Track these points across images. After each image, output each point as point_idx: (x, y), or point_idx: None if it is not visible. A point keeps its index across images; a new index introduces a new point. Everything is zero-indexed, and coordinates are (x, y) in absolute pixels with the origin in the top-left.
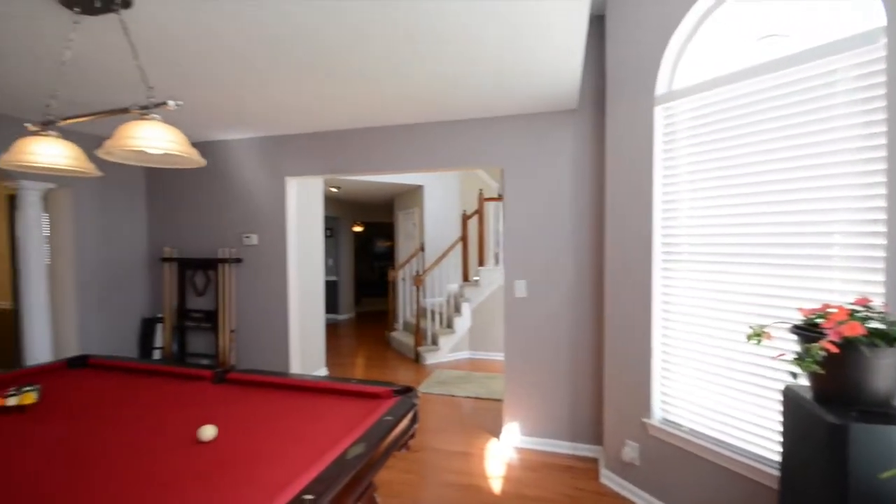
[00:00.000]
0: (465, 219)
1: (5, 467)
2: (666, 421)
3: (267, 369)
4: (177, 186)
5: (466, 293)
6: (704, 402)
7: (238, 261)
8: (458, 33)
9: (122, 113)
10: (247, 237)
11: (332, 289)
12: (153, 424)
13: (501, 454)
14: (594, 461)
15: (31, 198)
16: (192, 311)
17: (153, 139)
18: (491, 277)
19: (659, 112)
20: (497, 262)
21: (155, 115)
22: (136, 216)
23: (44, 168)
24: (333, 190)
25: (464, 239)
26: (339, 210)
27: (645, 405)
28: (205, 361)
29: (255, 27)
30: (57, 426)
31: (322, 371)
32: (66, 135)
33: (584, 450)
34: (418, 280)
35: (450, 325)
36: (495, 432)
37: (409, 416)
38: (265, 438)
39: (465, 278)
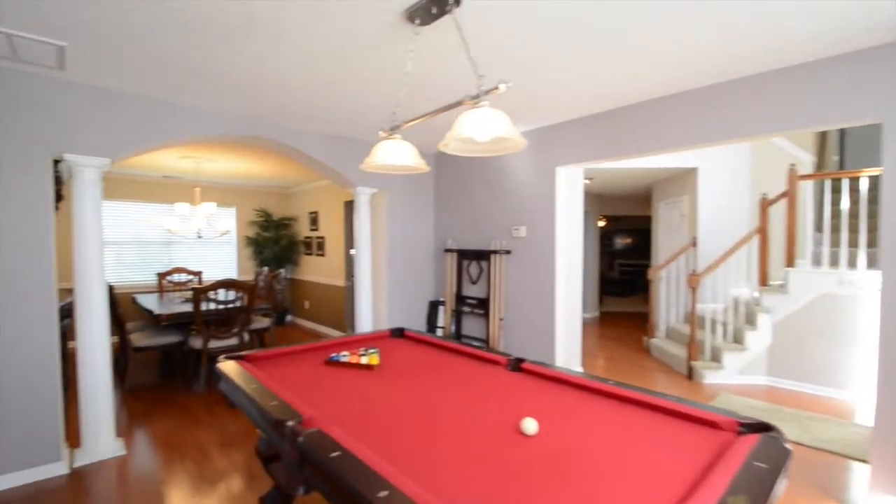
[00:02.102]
0: (765, 205)
1: (370, 409)
2: None
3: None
4: (457, 184)
5: (765, 301)
6: None
7: (507, 252)
8: None
9: (456, 106)
10: (516, 229)
11: None
12: (468, 400)
13: None
14: None
15: (363, 199)
16: (468, 298)
17: (481, 125)
18: (806, 282)
19: None
20: (818, 262)
21: (485, 102)
22: (426, 212)
23: (393, 167)
24: (586, 182)
25: (762, 231)
26: (586, 204)
27: None
28: (476, 344)
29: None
30: (396, 383)
31: (578, 369)
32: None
33: None
34: (693, 280)
35: (738, 340)
36: (839, 498)
37: (785, 468)
38: (589, 445)
39: (763, 282)
